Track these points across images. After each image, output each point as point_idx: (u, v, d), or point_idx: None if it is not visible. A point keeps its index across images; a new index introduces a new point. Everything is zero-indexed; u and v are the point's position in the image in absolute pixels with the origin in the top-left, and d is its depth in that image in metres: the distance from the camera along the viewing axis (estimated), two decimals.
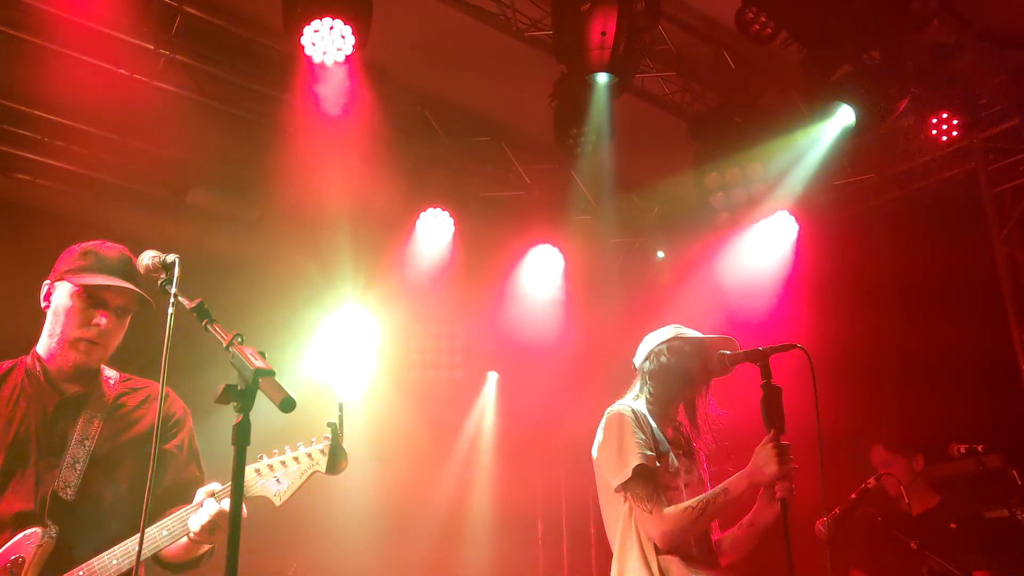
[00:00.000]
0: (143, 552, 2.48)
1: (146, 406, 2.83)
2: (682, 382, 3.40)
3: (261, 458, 2.61)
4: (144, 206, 6.35)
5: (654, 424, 3.33)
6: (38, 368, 2.76)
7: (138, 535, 2.49)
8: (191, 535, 2.53)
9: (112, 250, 2.81)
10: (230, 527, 1.93)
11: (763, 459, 3.04)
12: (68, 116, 5.87)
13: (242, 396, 1.99)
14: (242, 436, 1.97)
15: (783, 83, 6.20)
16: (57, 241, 2.92)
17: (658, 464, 3.20)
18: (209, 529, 2.49)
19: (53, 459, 2.64)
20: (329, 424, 2.55)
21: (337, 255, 6.88)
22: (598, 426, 3.40)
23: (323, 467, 2.58)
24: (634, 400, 3.44)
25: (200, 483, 2.74)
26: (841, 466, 5.20)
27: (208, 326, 2.22)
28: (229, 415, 2.00)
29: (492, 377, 8.36)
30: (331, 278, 7.06)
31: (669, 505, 3.14)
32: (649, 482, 3.16)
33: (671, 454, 3.31)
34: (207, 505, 2.51)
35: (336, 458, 2.56)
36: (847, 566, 4.99)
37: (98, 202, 6.25)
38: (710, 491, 3.15)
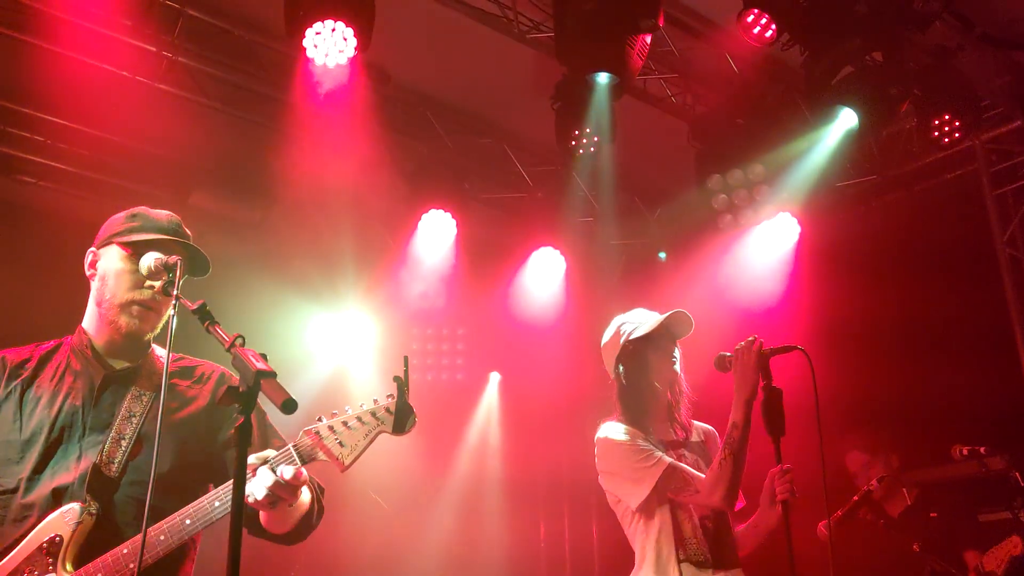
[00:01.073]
0: (216, 514, 2.38)
1: (199, 386, 2.68)
2: (651, 388, 3.41)
3: (320, 419, 2.41)
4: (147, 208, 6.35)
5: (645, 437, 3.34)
6: (85, 342, 2.63)
7: (189, 507, 2.40)
8: (250, 500, 2.32)
9: (160, 213, 2.71)
10: (232, 528, 1.90)
11: (739, 372, 3.11)
12: (71, 118, 5.89)
13: (244, 398, 1.98)
14: (243, 438, 1.97)
15: (785, 85, 6.20)
16: (60, 243, 2.89)
17: (670, 458, 3.23)
18: (269, 502, 2.30)
19: (97, 435, 2.51)
20: (395, 379, 2.34)
21: (339, 256, 6.89)
22: (594, 448, 3.40)
23: (390, 427, 2.38)
24: (618, 419, 3.42)
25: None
26: (841, 468, 5.25)
27: (210, 328, 2.21)
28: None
29: (494, 378, 8.37)
30: (333, 279, 7.07)
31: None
32: (675, 472, 3.20)
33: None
34: (262, 475, 2.30)
35: (403, 416, 2.36)
36: (850, 568, 4.99)
37: (101, 204, 6.18)
38: (725, 437, 3.17)
